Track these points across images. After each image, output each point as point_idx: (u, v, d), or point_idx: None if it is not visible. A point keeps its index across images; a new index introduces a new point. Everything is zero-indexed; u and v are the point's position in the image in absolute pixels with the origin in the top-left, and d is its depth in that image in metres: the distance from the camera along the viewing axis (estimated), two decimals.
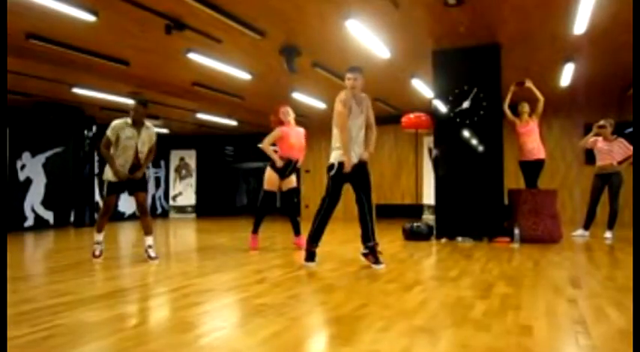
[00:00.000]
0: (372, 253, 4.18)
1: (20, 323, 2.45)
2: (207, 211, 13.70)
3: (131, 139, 4.62)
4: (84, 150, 10.02)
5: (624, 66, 7.14)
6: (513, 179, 7.58)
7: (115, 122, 4.62)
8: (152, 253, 4.72)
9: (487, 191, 6.08)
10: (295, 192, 5.78)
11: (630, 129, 8.02)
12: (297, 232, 5.61)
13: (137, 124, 4.66)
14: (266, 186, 5.49)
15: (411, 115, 7.90)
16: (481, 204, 6.10)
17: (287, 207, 5.85)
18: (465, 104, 6.26)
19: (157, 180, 13.56)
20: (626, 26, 5.44)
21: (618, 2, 4.82)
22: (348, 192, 4.28)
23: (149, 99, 8.73)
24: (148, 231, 4.77)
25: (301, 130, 5.65)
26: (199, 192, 13.78)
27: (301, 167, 5.76)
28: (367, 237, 4.19)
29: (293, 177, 5.62)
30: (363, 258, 4.26)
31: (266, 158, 5.49)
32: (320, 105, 9.52)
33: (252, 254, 5.18)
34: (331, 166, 4.19)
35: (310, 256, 4.32)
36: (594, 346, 2.05)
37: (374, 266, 4.11)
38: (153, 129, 4.85)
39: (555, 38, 5.92)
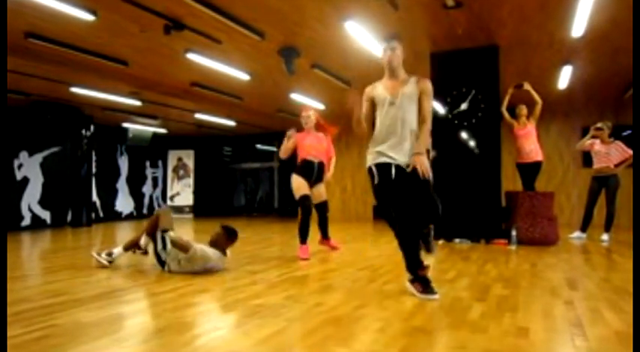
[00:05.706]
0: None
1: (14, 323, 2.44)
2: (204, 212, 13.68)
3: None
4: (82, 149, 10.00)
5: (622, 69, 7.17)
6: (511, 181, 7.60)
7: None
8: None
9: (484, 193, 6.09)
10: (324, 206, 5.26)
11: (628, 132, 8.04)
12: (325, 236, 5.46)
13: None
14: (296, 194, 5.00)
15: None
16: (478, 205, 6.10)
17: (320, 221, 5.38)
18: (463, 106, 6.27)
19: (155, 179, 13.54)
20: (623, 30, 5.46)
21: (616, 6, 4.84)
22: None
23: (148, 100, 8.72)
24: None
25: (321, 135, 5.28)
26: (197, 192, 13.78)
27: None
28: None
29: (322, 189, 5.17)
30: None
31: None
32: (318, 106, 9.51)
33: (302, 263, 4.73)
34: None
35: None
36: (591, 348, 2.05)
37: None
38: None
39: (553, 41, 5.94)
